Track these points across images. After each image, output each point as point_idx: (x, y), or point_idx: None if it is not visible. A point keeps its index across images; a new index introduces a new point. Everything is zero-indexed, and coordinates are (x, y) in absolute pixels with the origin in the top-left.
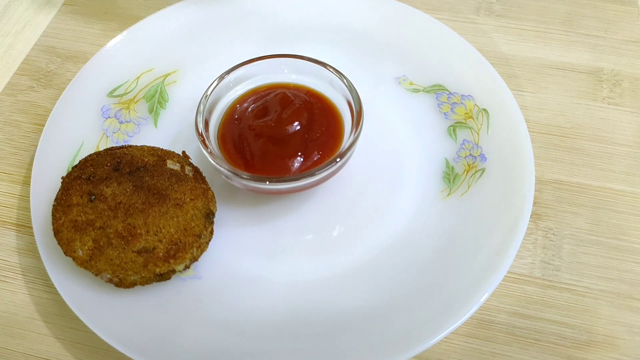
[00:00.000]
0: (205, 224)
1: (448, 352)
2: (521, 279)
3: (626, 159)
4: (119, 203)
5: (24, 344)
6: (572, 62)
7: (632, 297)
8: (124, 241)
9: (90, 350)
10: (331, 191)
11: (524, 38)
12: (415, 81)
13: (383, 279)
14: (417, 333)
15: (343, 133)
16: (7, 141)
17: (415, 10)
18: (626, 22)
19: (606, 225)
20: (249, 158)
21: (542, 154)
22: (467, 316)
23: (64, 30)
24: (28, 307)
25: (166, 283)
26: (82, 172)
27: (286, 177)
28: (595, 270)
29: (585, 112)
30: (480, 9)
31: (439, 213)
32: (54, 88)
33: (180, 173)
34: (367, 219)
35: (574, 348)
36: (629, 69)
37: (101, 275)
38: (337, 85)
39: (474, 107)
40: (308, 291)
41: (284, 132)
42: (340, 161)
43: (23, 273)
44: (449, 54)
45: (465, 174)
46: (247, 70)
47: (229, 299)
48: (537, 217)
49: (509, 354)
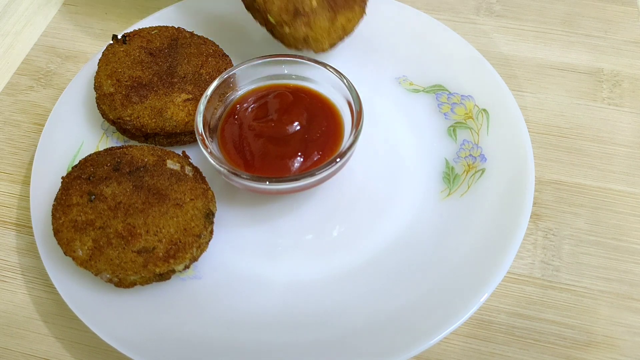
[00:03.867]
0: (205, 224)
1: (448, 352)
2: (521, 279)
3: (626, 159)
4: (119, 203)
5: (24, 344)
6: (572, 62)
7: (632, 298)
8: (123, 241)
9: (90, 350)
10: (331, 191)
11: (524, 38)
12: (415, 81)
13: (383, 279)
14: (417, 333)
15: (343, 133)
16: (7, 141)
17: (416, 10)
18: (626, 23)
19: (606, 226)
20: (249, 158)
21: (541, 154)
22: (467, 316)
23: (64, 30)
24: (28, 307)
25: (166, 283)
26: (82, 172)
27: (286, 177)
28: (595, 271)
29: (585, 113)
30: (480, 9)
31: (439, 213)
32: (54, 88)
33: (180, 173)
34: (367, 219)
35: (574, 348)
36: (629, 70)
37: (101, 275)
38: (337, 85)
39: (474, 108)
40: (308, 291)
41: (284, 132)
42: (340, 161)
43: (23, 273)
44: (449, 54)
45: (465, 174)
46: (247, 70)
47: (229, 299)
48: (537, 217)
49: (508, 354)
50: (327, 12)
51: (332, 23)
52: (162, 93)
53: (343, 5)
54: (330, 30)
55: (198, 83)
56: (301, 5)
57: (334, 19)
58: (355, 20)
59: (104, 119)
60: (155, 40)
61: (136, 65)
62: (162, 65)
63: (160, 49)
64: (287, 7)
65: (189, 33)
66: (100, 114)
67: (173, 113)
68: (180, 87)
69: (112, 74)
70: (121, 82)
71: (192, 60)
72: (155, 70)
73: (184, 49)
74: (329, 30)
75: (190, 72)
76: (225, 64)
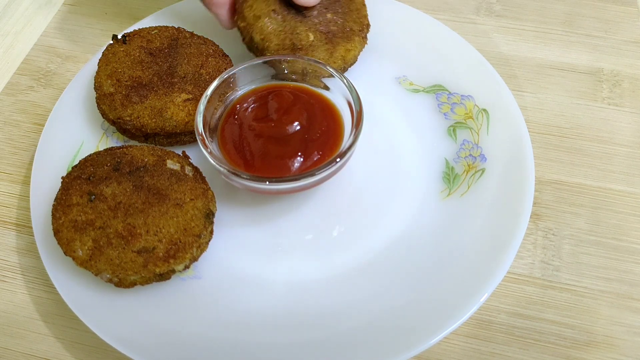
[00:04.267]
0: (205, 224)
1: (448, 352)
2: (521, 279)
3: (626, 159)
4: (119, 203)
5: (24, 344)
6: (572, 62)
7: (632, 298)
8: (123, 241)
9: (90, 350)
10: (331, 191)
11: (524, 38)
12: (415, 81)
13: (383, 279)
14: (417, 333)
15: (343, 133)
16: (7, 141)
17: (415, 10)
18: (626, 22)
19: (606, 226)
20: (248, 158)
21: (541, 154)
22: (467, 316)
23: (64, 30)
24: (28, 307)
25: (166, 283)
26: (82, 172)
27: (286, 177)
28: (595, 271)
29: (585, 113)
30: (480, 9)
31: (439, 213)
32: (54, 88)
33: (180, 173)
34: (367, 219)
35: (574, 348)
36: (629, 70)
37: (101, 275)
38: (337, 85)
39: (474, 108)
40: (308, 291)
41: (284, 132)
42: (340, 161)
43: (23, 273)
44: (449, 54)
45: (465, 174)
46: (247, 70)
47: (229, 299)
48: (537, 217)
49: (508, 354)
50: (324, 44)
51: (331, 54)
52: (162, 93)
53: (341, 37)
54: (329, 62)
55: (198, 83)
56: (298, 41)
57: (333, 51)
58: (355, 50)
59: (104, 119)
60: (155, 40)
61: (136, 65)
62: (162, 65)
63: (160, 49)
64: (284, 43)
65: (189, 33)
66: (100, 114)
67: (173, 113)
68: (180, 87)
69: (112, 74)
70: (121, 82)
71: (192, 60)
72: (155, 70)
73: (184, 49)
74: (327, 62)
75: (190, 72)
76: (225, 64)
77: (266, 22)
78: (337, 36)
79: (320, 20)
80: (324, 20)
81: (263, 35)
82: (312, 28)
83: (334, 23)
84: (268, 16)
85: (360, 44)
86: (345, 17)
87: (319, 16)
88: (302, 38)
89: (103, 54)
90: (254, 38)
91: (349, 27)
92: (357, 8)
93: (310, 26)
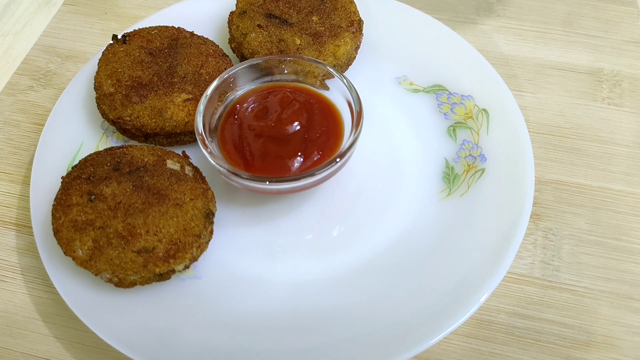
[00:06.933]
0: (205, 224)
1: (448, 352)
2: (521, 279)
3: (626, 159)
4: (119, 203)
5: (24, 344)
6: (572, 62)
7: (632, 298)
8: (123, 241)
9: (89, 350)
10: (331, 191)
11: (524, 38)
12: (415, 81)
13: (383, 278)
14: (417, 333)
15: (343, 133)
16: (7, 141)
17: (415, 10)
18: (626, 22)
19: (606, 226)
20: (248, 158)
21: (541, 154)
22: (467, 316)
23: (64, 30)
24: (28, 307)
25: (166, 283)
26: (82, 172)
27: (286, 177)
28: (595, 271)
29: (585, 113)
30: (480, 9)
31: (439, 213)
32: (53, 88)
33: (180, 173)
34: (367, 219)
35: (574, 348)
36: (628, 69)
37: (101, 275)
38: (337, 85)
39: (474, 108)
40: (308, 291)
41: (284, 132)
42: (340, 161)
43: (23, 273)
44: (449, 54)
45: (465, 174)
46: (247, 70)
47: (229, 299)
48: (537, 217)
49: (508, 354)
50: (312, 45)
51: (320, 53)
52: (162, 93)
53: (329, 35)
54: (319, 59)
55: (198, 83)
56: (285, 47)
57: (321, 49)
58: (346, 45)
59: (104, 119)
60: (155, 40)
61: (136, 65)
62: (162, 65)
63: (160, 49)
64: (271, 52)
65: (189, 33)
66: (100, 114)
67: (173, 113)
68: (180, 87)
69: (112, 74)
70: (121, 82)
71: (192, 60)
72: (155, 70)
73: (184, 49)
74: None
75: (190, 72)
76: (225, 64)
77: (253, 37)
78: (324, 35)
79: (306, 25)
80: (310, 24)
81: (251, 49)
82: (298, 33)
83: (320, 24)
84: (254, 32)
85: (351, 39)
86: (331, 16)
87: (304, 22)
88: (288, 44)
89: (103, 54)
90: (244, 54)
91: (336, 24)
92: (343, 6)
93: (297, 32)
